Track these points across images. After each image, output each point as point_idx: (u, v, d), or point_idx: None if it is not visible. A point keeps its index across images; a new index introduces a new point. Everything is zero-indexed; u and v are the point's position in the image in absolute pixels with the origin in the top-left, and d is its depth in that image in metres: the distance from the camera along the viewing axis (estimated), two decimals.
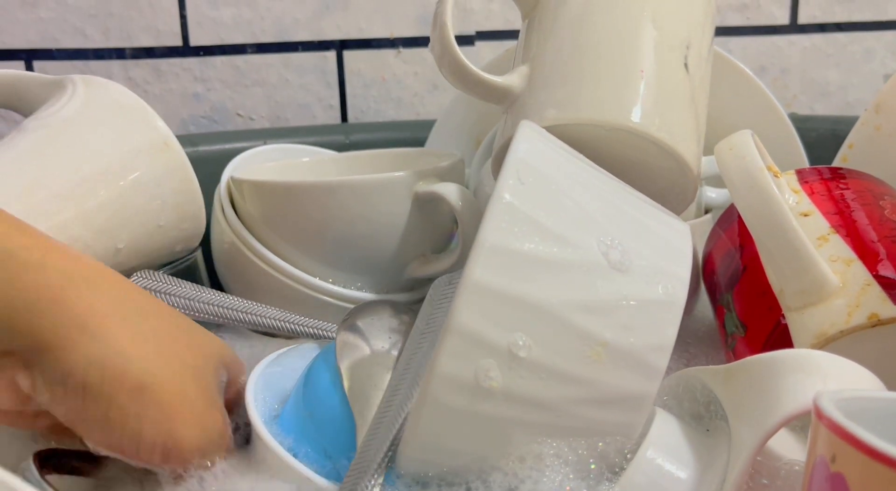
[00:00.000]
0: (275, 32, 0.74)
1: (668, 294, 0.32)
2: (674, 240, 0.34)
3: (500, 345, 0.29)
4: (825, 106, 0.77)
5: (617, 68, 0.41)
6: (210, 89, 0.74)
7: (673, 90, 0.42)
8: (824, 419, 0.22)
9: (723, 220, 0.48)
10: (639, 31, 0.42)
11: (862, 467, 0.21)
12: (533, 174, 0.32)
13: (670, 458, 0.31)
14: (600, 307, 0.31)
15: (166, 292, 0.47)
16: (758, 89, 0.57)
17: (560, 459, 0.31)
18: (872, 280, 0.35)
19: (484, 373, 0.30)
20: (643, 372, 0.31)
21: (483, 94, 0.43)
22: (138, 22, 0.72)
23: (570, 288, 0.30)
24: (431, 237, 0.51)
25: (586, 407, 0.31)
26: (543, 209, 0.31)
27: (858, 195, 0.41)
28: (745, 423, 0.30)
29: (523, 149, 0.33)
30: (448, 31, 0.41)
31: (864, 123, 0.48)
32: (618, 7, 0.42)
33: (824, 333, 0.35)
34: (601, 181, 0.35)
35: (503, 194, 0.31)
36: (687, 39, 0.43)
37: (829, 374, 0.29)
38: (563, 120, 0.41)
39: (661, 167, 0.42)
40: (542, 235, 0.31)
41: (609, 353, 0.30)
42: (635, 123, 0.40)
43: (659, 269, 0.32)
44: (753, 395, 0.30)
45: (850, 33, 0.75)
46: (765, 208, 0.36)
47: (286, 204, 0.49)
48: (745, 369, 0.31)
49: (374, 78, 0.75)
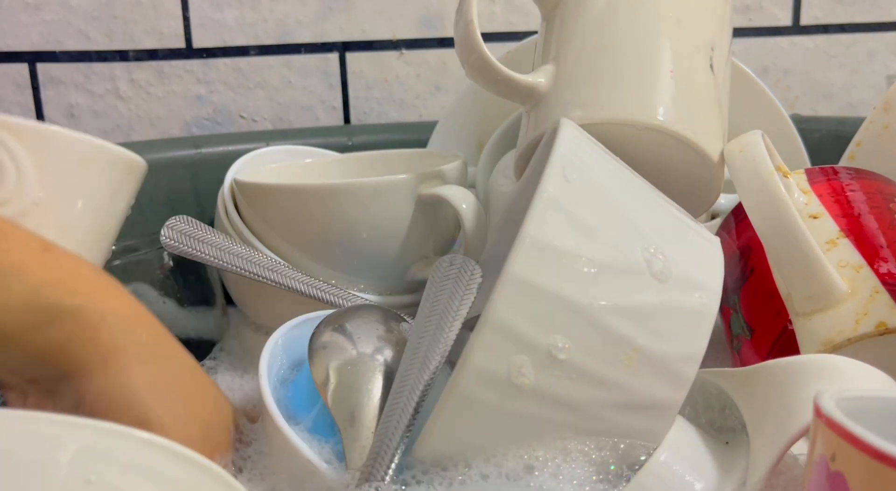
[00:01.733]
0: (277, 34, 0.74)
1: (703, 305, 0.32)
2: (708, 252, 0.34)
3: (538, 344, 0.29)
4: (828, 107, 0.77)
5: (646, 68, 0.41)
6: (213, 91, 0.74)
7: (700, 91, 0.42)
8: (824, 418, 0.22)
9: (726, 223, 0.48)
10: (666, 32, 0.42)
11: (862, 466, 0.21)
12: (578, 172, 0.32)
13: (684, 464, 0.31)
14: (637, 313, 0.30)
15: (200, 239, 0.47)
16: (760, 91, 0.57)
17: (583, 457, 0.31)
18: (881, 287, 0.35)
19: (517, 369, 0.29)
20: (672, 380, 0.31)
21: (508, 92, 0.43)
22: (141, 24, 0.72)
23: (609, 291, 0.30)
24: (434, 239, 0.51)
25: (613, 411, 0.31)
26: (588, 209, 0.31)
27: (868, 197, 0.40)
28: (765, 431, 0.30)
29: (568, 146, 0.32)
30: (474, 28, 0.41)
31: (873, 122, 0.48)
32: (645, 8, 0.42)
33: (831, 341, 0.35)
34: (640, 186, 0.35)
35: (548, 189, 0.30)
36: (711, 40, 0.43)
37: (851, 379, 0.29)
38: (591, 119, 0.40)
39: (687, 166, 0.42)
40: (585, 235, 0.30)
41: (641, 358, 0.30)
42: (665, 122, 0.40)
43: (695, 280, 0.32)
44: (774, 402, 0.30)
45: (853, 34, 0.75)
46: (774, 212, 0.36)
47: (289, 207, 0.49)
48: (765, 375, 0.31)
49: (376, 80, 0.75)
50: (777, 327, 0.39)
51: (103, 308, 0.34)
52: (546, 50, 0.44)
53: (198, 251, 0.47)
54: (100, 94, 0.73)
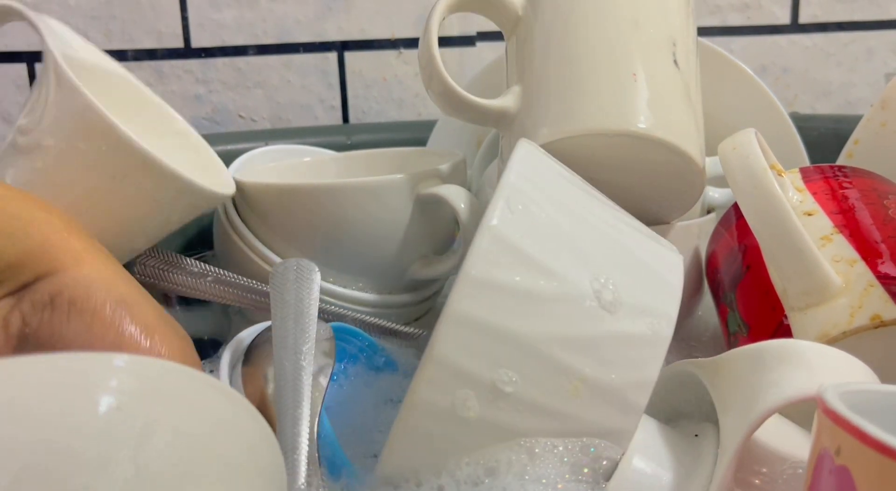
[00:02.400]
0: (276, 34, 0.74)
1: (654, 332, 0.31)
2: (666, 275, 0.34)
3: (482, 378, 0.29)
4: (826, 105, 0.77)
5: (608, 75, 0.41)
6: (212, 91, 0.74)
7: (667, 88, 0.42)
8: (829, 412, 0.22)
9: (725, 219, 0.48)
10: (624, 36, 0.42)
11: (867, 460, 0.21)
12: (524, 202, 0.31)
13: (654, 463, 0.31)
14: (582, 344, 0.30)
15: (174, 265, 0.47)
16: (758, 89, 0.57)
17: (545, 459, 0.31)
18: (875, 281, 0.35)
19: (462, 403, 0.29)
20: (622, 408, 0.31)
21: (479, 118, 0.43)
22: (140, 24, 0.72)
23: (554, 324, 0.30)
24: (433, 239, 0.51)
25: (562, 440, 0.30)
26: (533, 240, 0.30)
27: (863, 194, 0.40)
28: (731, 415, 0.30)
29: (515, 174, 0.32)
30: (437, 62, 0.41)
31: (870, 119, 0.48)
32: (599, 15, 0.42)
33: (827, 334, 0.35)
34: (597, 209, 0.34)
35: (491, 222, 0.30)
36: (672, 36, 0.43)
37: (815, 364, 0.29)
38: (561, 134, 0.40)
39: (665, 166, 0.42)
40: (530, 268, 0.30)
41: (588, 388, 0.30)
42: (634, 126, 0.40)
43: (648, 307, 0.32)
44: (740, 387, 0.30)
45: (851, 33, 0.75)
46: (768, 208, 0.36)
47: (288, 206, 0.48)
48: (733, 361, 0.31)
49: (375, 79, 0.75)
50: (773, 323, 0.39)
51: (70, 237, 0.35)
52: (511, 71, 0.44)
53: (172, 283, 0.47)
54: None
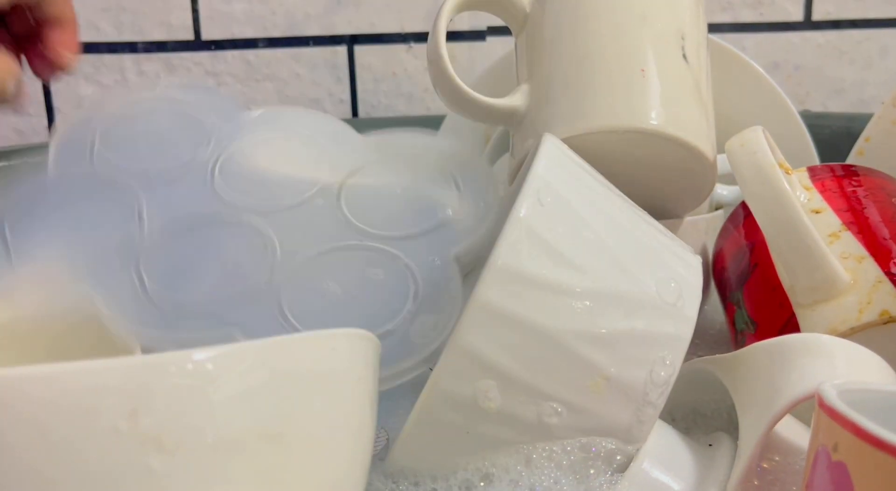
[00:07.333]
0: (286, 27, 0.74)
1: (676, 332, 0.32)
2: (686, 276, 0.34)
3: (505, 369, 0.29)
4: (839, 103, 0.76)
5: (616, 72, 0.41)
6: (221, 83, 0.75)
7: (676, 83, 0.41)
8: (826, 408, 0.22)
9: (734, 216, 0.48)
10: (632, 32, 0.41)
11: (864, 456, 0.21)
12: (553, 195, 0.31)
13: (665, 470, 0.31)
14: (607, 340, 0.30)
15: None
16: (768, 86, 0.57)
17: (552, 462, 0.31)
18: (884, 277, 0.35)
19: (483, 393, 0.29)
20: (640, 407, 0.31)
21: (489, 118, 0.43)
22: (150, 16, 0.73)
23: (579, 318, 0.30)
24: None
25: (580, 433, 0.31)
26: (562, 234, 0.31)
27: (871, 192, 0.40)
28: (751, 409, 0.30)
29: (544, 167, 0.32)
30: (445, 63, 0.41)
31: (882, 117, 0.48)
32: (607, 11, 0.42)
33: (835, 330, 0.35)
34: (620, 207, 0.35)
35: (520, 214, 0.30)
36: (681, 30, 0.42)
37: (837, 356, 0.29)
38: (571, 132, 0.40)
39: (676, 161, 0.42)
40: (557, 261, 0.30)
41: (609, 385, 0.30)
42: (644, 123, 0.40)
43: (670, 307, 0.32)
44: (760, 381, 0.30)
45: (865, 30, 0.75)
46: (776, 204, 0.36)
47: None
48: (752, 356, 0.31)
49: (384, 73, 0.75)
50: (781, 319, 0.39)
51: None
52: (521, 69, 0.44)
53: None
54: (109, 86, 0.74)
